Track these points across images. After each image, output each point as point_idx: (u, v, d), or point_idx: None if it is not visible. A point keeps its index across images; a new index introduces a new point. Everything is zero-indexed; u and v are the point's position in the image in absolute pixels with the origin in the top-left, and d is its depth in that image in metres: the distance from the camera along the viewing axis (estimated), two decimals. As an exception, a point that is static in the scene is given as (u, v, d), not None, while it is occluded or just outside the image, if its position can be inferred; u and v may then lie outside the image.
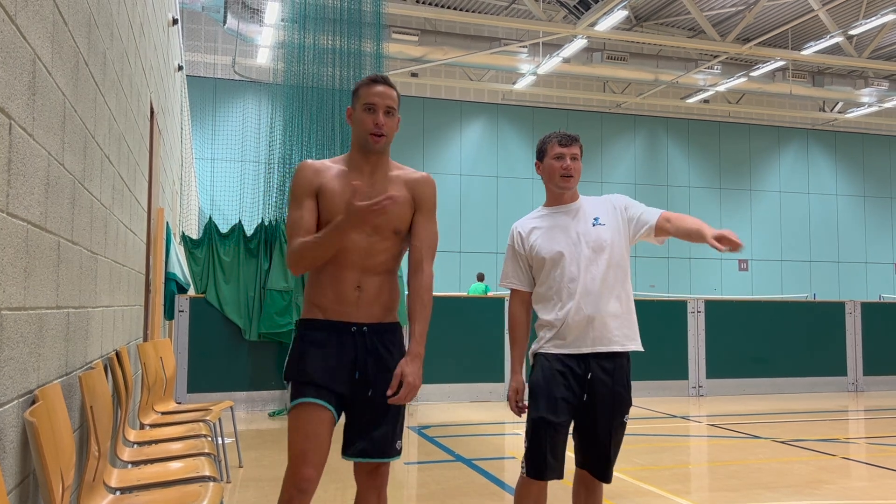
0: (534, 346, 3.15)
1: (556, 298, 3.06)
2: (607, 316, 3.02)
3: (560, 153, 3.11)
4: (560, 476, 3.00)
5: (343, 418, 2.76)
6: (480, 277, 18.40)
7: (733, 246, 2.77)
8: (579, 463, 3.12)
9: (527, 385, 3.12)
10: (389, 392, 2.63)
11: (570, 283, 3.02)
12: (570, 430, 3.08)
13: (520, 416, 3.13)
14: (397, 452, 2.74)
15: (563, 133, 3.18)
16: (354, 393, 2.69)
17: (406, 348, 2.73)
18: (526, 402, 3.10)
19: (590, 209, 3.15)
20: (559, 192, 3.15)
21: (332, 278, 2.71)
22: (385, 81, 2.78)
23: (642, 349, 3.13)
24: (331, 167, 2.79)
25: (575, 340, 3.01)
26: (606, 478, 3.10)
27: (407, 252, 2.86)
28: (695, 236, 2.94)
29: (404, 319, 2.91)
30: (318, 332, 2.71)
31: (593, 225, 3.09)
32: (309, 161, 2.82)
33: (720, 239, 2.79)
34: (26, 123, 2.23)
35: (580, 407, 3.01)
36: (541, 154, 3.19)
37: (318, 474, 2.58)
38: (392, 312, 2.80)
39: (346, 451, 2.72)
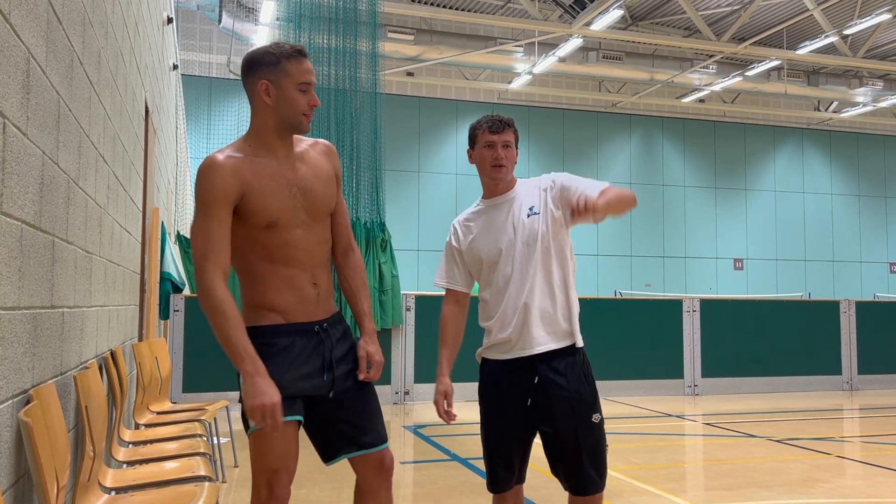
0: (479, 349, 2.96)
1: (493, 301, 2.86)
2: (548, 314, 2.79)
3: (490, 141, 2.86)
4: (520, 481, 2.86)
5: (314, 423, 2.59)
6: None
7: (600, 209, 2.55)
8: (563, 486, 2.81)
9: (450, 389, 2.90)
10: (360, 375, 2.59)
11: (506, 283, 2.82)
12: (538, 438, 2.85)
13: (448, 422, 2.90)
14: (387, 437, 2.63)
15: (494, 118, 2.89)
16: (324, 393, 2.53)
17: (352, 331, 2.69)
18: (453, 410, 2.88)
19: (524, 198, 2.89)
20: (492, 182, 2.92)
21: (288, 279, 2.49)
22: (308, 54, 2.53)
23: (581, 345, 2.85)
24: (244, 160, 2.45)
25: (517, 344, 2.79)
26: (579, 488, 2.73)
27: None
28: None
29: (399, 318, 2.86)
30: (283, 339, 2.49)
31: (528, 216, 2.84)
32: (219, 159, 2.42)
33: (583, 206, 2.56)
34: (20, 122, 2.22)
35: (534, 414, 2.76)
36: (472, 141, 2.94)
37: (290, 492, 2.46)
38: (334, 301, 2.69)
39: (341, 452, 2.56)
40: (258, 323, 2.50)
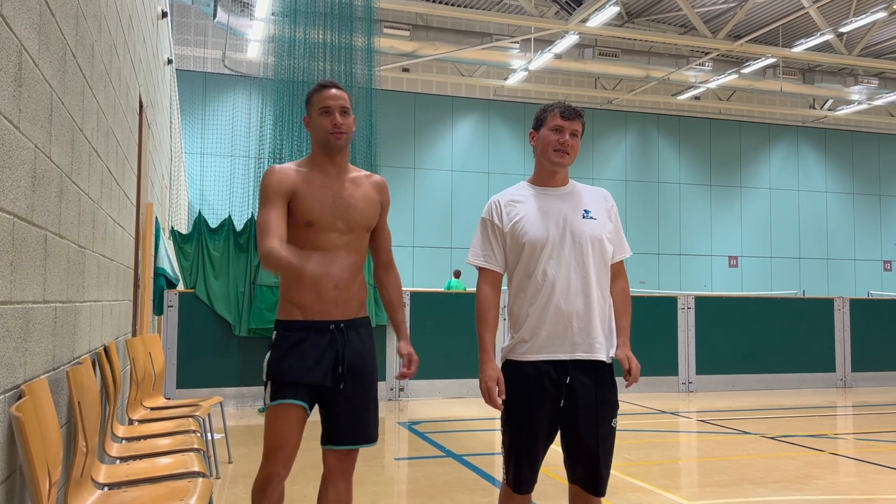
0: (504, 350, 2.87)
1: (528, 296, 2.78)
2: (588, 318, 2.75)
3: (559, 125, 2.80)
4: (535, 480, 2.84)
5: (320, 410, 2.96)
6: (457, 274, 18.50)
7: (631, 378, 2.83)
8: (571, 478, 2.83)
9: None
10: (405, 370, 3.01)
11: (545, 280, 2.75)
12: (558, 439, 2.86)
13: (501, 409, 2.80)
14: (377, 437, 2.99)
15: (567, 105, 2.85)
16: (335, 386, 2.87)
17: (373, 338, 3.08)
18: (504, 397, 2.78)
19: (582, 199, 2.86)
20: (550, 168, 2.84)
21: (312, 280, 2.84)
22: (335, 85, 2.98)
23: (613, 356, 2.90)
24: (299, 171, 2.94)
25: (550, 344, 2.74)
26: (599, 490, 2.78)
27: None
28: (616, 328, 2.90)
29: (383, 318, 3.08)
30: (298, 333, 2.87)
31: (584, 217, 2.81)
32: (276, 166, 2.94)
33: (629, 367, 2.81)
34: (12, 115, 2.20)
35: (560, 414, 2.75)
36: (538, 123, 2.89)
37: (286, 469, 2.84)
38: (363, 307, 3.02)
39: (334, 441, 2.91)
40: (281, 318, 2.93)
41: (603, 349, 2.81)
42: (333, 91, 2.94)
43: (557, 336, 2.75)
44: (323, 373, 2.85)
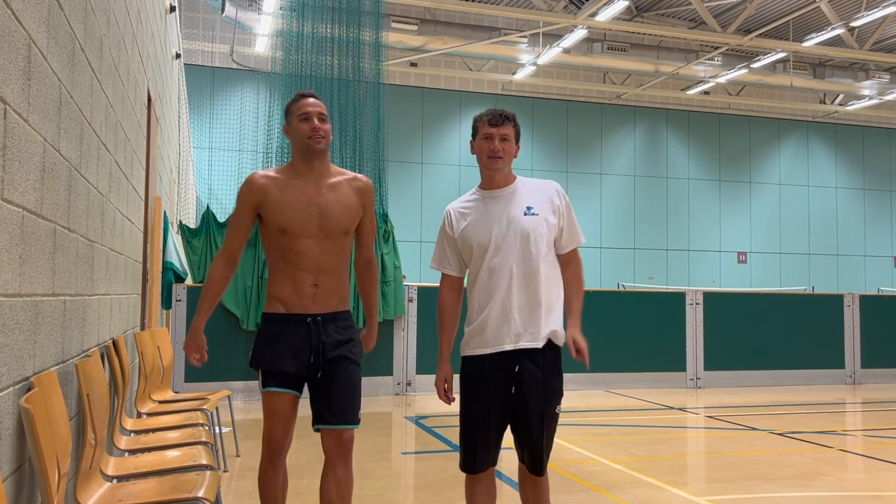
0: (461, 347, 3.09)
1: (478, 292, 2.99)
2: (531, 310, 2.94)
3: (489, 133, 3.00)
4: (493, 463, 3.05)
5: (310, 392, 3.25)
6: None
7: (581, 356, 2.94)
8: (519, 457, 3.07)
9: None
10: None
11: (490, 276, 2.95)
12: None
13: (449, 404, 3.14)
14: (357, 421, 3.15)
15: (494, 111, 3.03)
16: (312, 373, 3.13)
17: (355, 327, 3.29)
18: (456, 394, 3.08)
19: (525, 196, 3.02)
20: (488, 173, 3.05)
21: (291, 277, 3.11)
22: (313, 95, 3.20)
23: (560, 343, 3.04)
24: (276, 179, 3.13)
25: (498, 337, 2.94)
26: (537, 470, 3.03)
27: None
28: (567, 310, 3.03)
29: (390, 313, 3.28)
30: (278, 325, 3.13)
31: (525, 214, 2.97)
32: (257, 175, 3.15)
33: (576, 347, 2.94)
34: (21, 109, 2.21)
35: (510, 400, 2.95)
36: (474, 132, 3.09)
37: (286, 441, 3.17)
38: (344, 302, 3.23)
39: (323, 422, 3.11)
40: (266, 310, 3.18)
41: (544, 338, 2.96)
42: (311, 100, 3.16)
43: (503, 328, 2.94)
44: (301, 363, 3.10)
